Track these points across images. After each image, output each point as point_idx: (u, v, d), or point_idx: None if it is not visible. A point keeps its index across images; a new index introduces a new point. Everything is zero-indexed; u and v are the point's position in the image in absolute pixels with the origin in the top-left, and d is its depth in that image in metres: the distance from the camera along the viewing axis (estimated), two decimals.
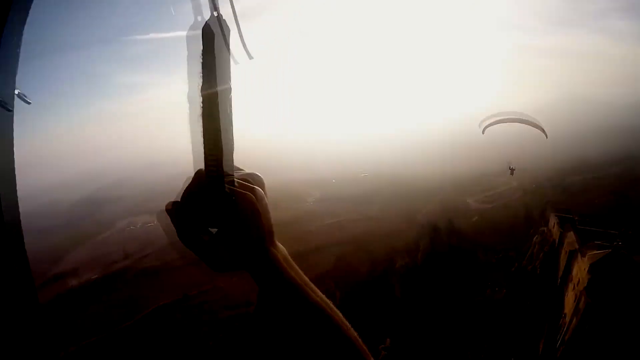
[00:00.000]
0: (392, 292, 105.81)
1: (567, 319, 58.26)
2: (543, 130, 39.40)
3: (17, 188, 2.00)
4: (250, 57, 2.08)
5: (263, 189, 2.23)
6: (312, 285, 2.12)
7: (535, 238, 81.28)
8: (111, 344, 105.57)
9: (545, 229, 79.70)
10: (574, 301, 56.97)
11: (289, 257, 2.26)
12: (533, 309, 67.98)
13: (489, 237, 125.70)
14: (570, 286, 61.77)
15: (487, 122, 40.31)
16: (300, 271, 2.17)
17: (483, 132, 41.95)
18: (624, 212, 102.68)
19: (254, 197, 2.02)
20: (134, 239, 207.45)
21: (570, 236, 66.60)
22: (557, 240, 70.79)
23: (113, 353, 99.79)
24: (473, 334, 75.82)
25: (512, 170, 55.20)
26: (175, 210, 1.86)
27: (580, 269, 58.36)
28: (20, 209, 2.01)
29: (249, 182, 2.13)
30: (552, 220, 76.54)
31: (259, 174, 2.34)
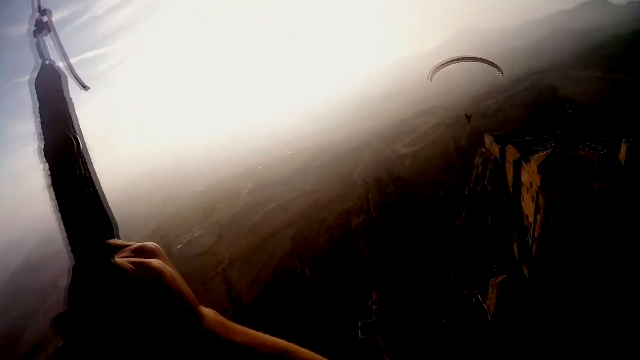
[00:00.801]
0: (359, 252, 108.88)
1: (531, 218, 65.14)
2: (497, 67, 41.37)
3: None
4: (86, 88, 2.05)
5: (161, 256, 1.99)
6: (261, 336, 1.81)
7: (475, 160, 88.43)
8: None
9: (483, 149, 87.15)
10: (532, 202, 63.69)
11: (220, 315, 1.99)
12: (495, 221, 74.86)
13: (428, 174, 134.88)
14: (524, 190, 68.90)
15: (433, 69, 41.66)
16: (239, 327, 1.88)
17: (431, 79, 43.42)
18: (541, 118, 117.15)
19: (155, 262, 1.79)
20: None
21: (510, 149, 73.81)
22: (498, 156, 77.98)
23: None
24: (450, 262, 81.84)
25: (468, 117, 57.58)
26: (69, 324, 1.39)
27: (529, 173, 65.14)
28: None
29: (142, 253, 1.86)
30: (488, 140, 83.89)
31: (152, 243, 2.12)
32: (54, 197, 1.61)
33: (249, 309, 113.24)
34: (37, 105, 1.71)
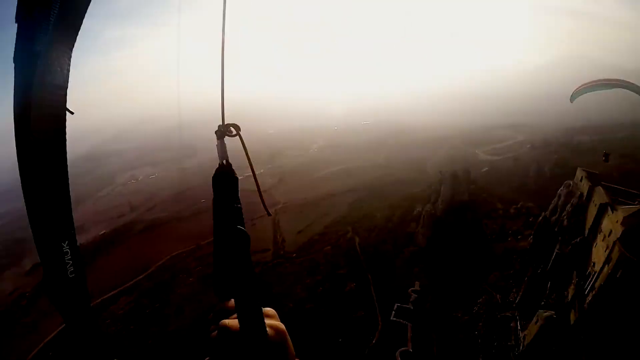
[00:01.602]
0: (413, 239, 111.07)
1: (597, 267, 63.07)
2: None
3: None
4: (269, 214, 3.21)
5: (276, 318, 2.55)
6: None
7: (559, 190, 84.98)
8: (129, 297, 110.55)
9: (570, 182, 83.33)
10: (605, 251, 61.42)
11: None
12: (560, 257, 73.02)
13: (501, 187, 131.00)
14: (600, 237, 66.14)
15: (579, 90, 40.84)
16: None
17: (572, 101, 42.77)
18: (634, 174, 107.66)
19: (282, 326, 2.33)
20: (137, 192, 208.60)
21: (600, 190, 70.17)
22: (584, 193, 74.55)
23: (132, 305, 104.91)
24: (501, 280, 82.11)
25: (606, 155, 56.01)
26: None
27: (612, 221, 62.21)
28: None
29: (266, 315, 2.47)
30: (580, 174, 79.93)
31: (271, 309, 2.72)
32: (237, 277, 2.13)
33: (289, 256, 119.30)
34: (215, 198, 2.21)
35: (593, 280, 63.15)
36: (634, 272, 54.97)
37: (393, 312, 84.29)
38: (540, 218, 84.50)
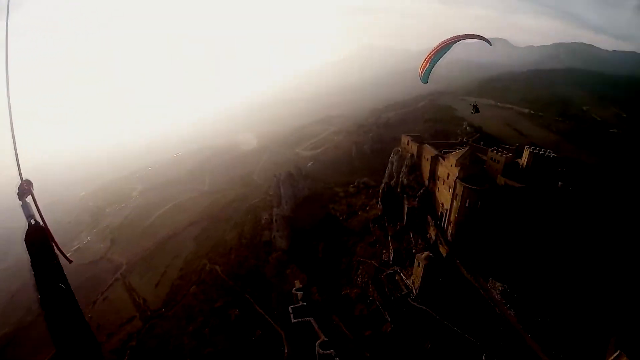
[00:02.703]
0: (273, 244, 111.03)
1: (447, 206, 77.61)
2: (483, 38, 47.67)
3: None
4: (70, 261, 3.70)
5: None
6: None
7: (391, 157, 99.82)
8: None
9: (398, 148, 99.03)
10: (449, 190, 76.12)
11: None
12: (412, 210, 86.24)
13: (333, 174, 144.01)
14: (440, 182, 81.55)
15: (425, 69, 47.74)
16: None
17: (425, 82, 49.21)
18: (441, 132, 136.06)
19: None
20: None
21: (427, 147, 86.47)
22: (414, 153, 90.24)
23: None
24: (368, 248, 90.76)
25: (475, 107, 66.06)
26: None
27: (446, 167, 77.79)
28: None
29: None
30: (405, 139, 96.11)
31: None
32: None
33: (159, 313, 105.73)
34: (31, 260, 2.27)
35: (447, 216, 77.52)
36: (477, 198, 70.24)
37: (291, 315, 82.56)
38: (383, 185, 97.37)
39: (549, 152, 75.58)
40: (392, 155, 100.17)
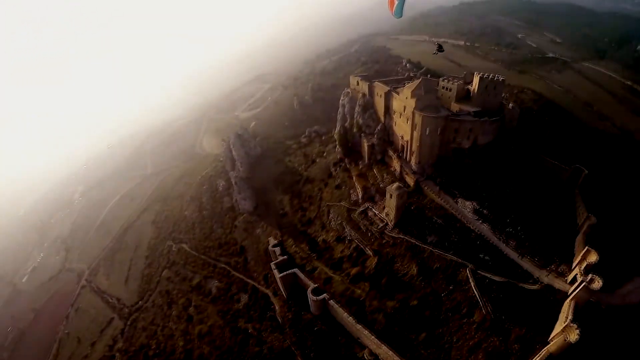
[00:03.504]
0: (237, 209, 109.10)
1: (407, 137, 79.79)
2: None
3: None
4: None
5: None
6: None
7: (341, 100, 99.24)
8: None
9: (348, 90, 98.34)
10: (407, 122, 78.02)
11: None
12: (372, 146, 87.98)
13: (278, 128, 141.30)
14: (396, 116, 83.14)
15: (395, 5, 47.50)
16: None
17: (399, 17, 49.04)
18: (380, 71, 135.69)
19: None
20: None
21: (379, 85, 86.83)
22: (366, 92, 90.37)
23: None
24: (333, 192, 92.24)
25: (440, 46, 65.45)
26: None
27: (401, 100, 79.06)
28: None
29: None
30: (354, 80, 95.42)
31: None
32: None
33: (137, 307, 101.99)
34: None
35: (409, 147, 79.89)
36: (436, 125, 72.96)
37: (275, 271, 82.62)
38: (339, 128, 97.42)
39: (498, 76, 79.35)
40: (342, 98, 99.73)
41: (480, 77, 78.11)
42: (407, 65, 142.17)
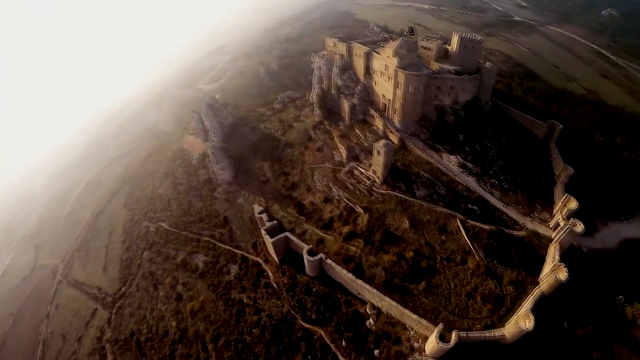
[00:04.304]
0: (212, 183, 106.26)
1: (389, 95, 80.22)
2: None
3: None
4: None
5: None
6: None
7: (317, 62, 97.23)
8: None
9: (324, 52, 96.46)
10: (389, 81, 78.21)
11: None
12: (353, 107, 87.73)
13: (246, 97, 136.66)
14: (377, 75, 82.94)
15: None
16: None
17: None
18: (350, 35, 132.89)
19: None
20: None
21: (357, 45, 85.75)
22: (344, 53, 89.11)
23: None
24: (314, 156, 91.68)
25: (411, 29, 64.15)
26: None
27: (382, 59, 78.90)
28: None
29: None
30: (331, 42, 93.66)
31: None
32: None
33: (120, 293, 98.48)
34: None
35: (392, 105, 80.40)
36: (419, 83, 73.63)
37: (267, 236, 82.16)
38: (317, 90, 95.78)
39: (476, 36, 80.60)
40: (317, 60, 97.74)
41: (459, 36, 79.23)
42: (375, 28, 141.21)
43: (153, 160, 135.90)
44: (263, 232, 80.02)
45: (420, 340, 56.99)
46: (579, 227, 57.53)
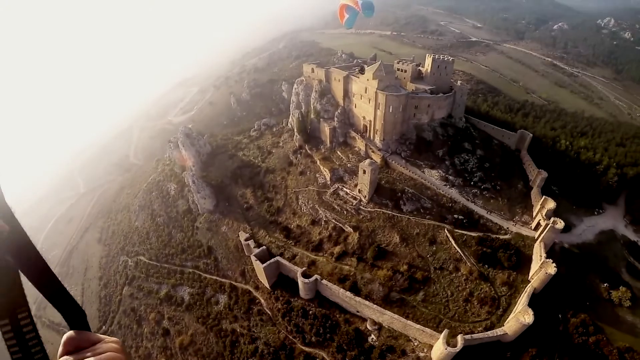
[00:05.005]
0: (192, 213, 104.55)
1: (370, 116, 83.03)
2: None
3: None
4: None
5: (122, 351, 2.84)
6: None
7: (295, 88, 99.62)
8: None
9: (302, 78, 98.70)
10: (369, 103, 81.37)
11: None
12: (334, 130, 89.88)
13: (219, 127, 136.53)
14: (357, 98, 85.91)
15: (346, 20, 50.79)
16: None
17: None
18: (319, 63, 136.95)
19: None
20: None
21: (335, 70, 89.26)
22: (322, 78, 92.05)
23: None
24: (302, 179, 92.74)
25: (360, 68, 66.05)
26: None
27: (362, 83, 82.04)
28: None
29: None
30: (309, 68, 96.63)
31: (116, 339, 3.00)
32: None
33: (101, 332, 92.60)
34: None
35: (372, 126, 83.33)
36: (398, 103, 77.21)
37: (257, 262, 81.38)
38: (297, 115, 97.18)
39: (448, 57, 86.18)
40: (295, 86, 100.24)
41: (432, 58, 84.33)
42: (343, 56, 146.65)
43: (127, 193, 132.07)
44: (253, 258, 78.94)
45: (425, 350, 57.89)
46: (559, 224, 62.38)
